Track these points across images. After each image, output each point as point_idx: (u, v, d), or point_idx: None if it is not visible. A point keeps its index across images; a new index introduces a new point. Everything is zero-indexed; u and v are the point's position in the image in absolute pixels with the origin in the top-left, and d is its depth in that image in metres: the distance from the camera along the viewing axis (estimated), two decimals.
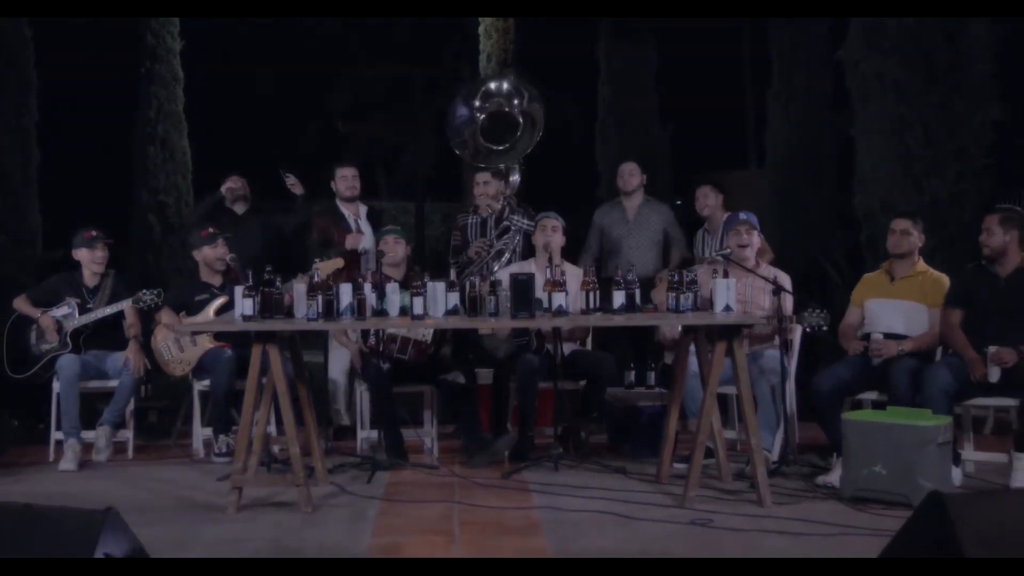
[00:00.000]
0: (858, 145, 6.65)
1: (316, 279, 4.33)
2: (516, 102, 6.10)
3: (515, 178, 6.23)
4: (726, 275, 4.35)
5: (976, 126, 6.28)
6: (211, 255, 5.50)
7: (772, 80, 8.28)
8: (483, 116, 6.08)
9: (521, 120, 6.08)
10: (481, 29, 9.24)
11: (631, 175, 6.15)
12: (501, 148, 6.08)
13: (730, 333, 4.19)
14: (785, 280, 5.05)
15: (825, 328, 4.78)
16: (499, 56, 9.09)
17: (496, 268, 5.65)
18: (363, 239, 5.81)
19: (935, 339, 4.74)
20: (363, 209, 6.07)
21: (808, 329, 4.83)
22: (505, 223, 5.88)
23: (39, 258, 6.88)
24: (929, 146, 6.29)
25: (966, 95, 6.27)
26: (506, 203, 5.94)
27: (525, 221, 5.86)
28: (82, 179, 10.19)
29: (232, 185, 5.94)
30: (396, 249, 5.30)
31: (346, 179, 5.96)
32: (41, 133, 7.06)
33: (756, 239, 5.12)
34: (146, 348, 5.43)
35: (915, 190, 6.28)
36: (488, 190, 5.93)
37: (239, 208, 6.03)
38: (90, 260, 5.47)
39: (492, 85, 6.26)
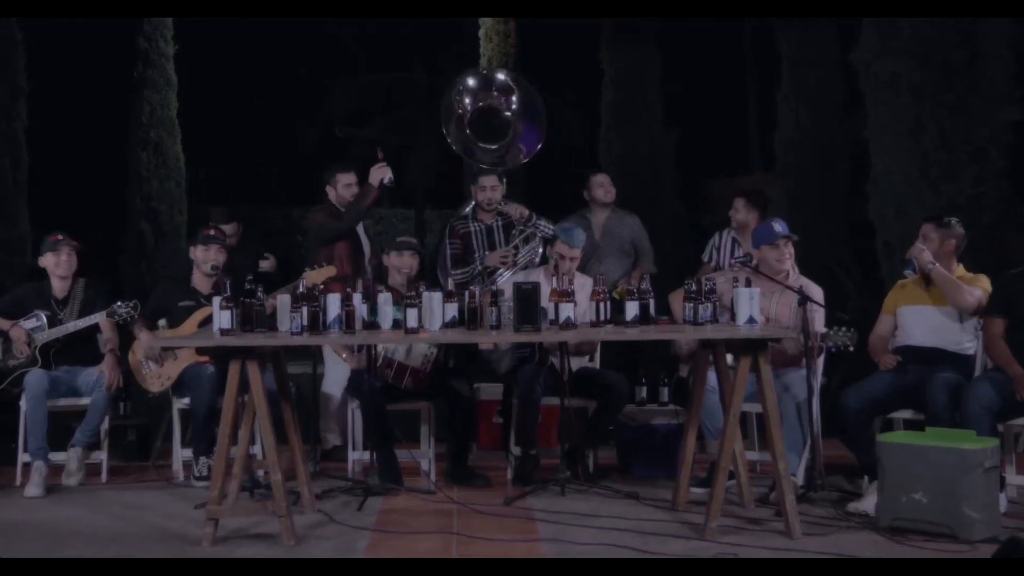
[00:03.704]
0: (872, 148, 6.37)
1: (301, 289, 3.98)
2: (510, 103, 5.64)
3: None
4: (748, 284, 3.98)
5: (994, 127, 5.98)
6: (200, 256, 5.12)
7: (781, 81, 7.98)
8: (479, 106, 5.59)
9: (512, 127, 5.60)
10: (481, 32, 9.00)
11: (609, 188, 5.73)
12: (492, 146, 5.61)
13: (754, 348, 3.82)
14: (816, 293, 4.63)
15: (852, 348, 4.40)
16: (500, 60, 8.81)
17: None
18: (388, 171, 5.43)
19: None
20: None
21: (833, 350, 4.44)
22: (531, 229, 5.42)
23: (28, 265, 6.58)
24: (945, 148, 6.01)
25: (983, 96, 5.96)
26: (528, 208, 5.48)
27: (551, 227, 5.40)
28: (73, 185, 9.97)
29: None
30: (412, 264, 4.97)
31: (350, 187, 5.61)
32: (31, 138, 6.82)
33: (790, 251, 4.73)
34: (123, 362, 5.06)
35: (931, 193, 5.98)
36: (495, 195, 5.48)
37: None
38: (55, 264, 5.08)
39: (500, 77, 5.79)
